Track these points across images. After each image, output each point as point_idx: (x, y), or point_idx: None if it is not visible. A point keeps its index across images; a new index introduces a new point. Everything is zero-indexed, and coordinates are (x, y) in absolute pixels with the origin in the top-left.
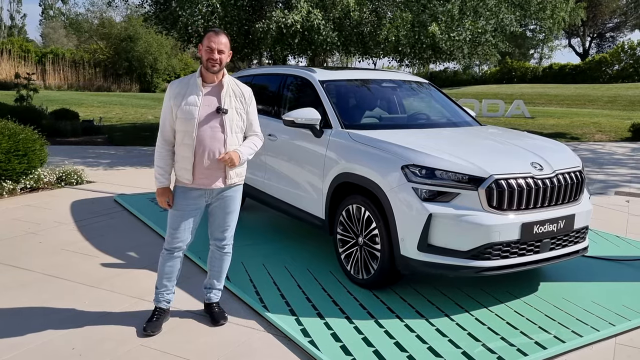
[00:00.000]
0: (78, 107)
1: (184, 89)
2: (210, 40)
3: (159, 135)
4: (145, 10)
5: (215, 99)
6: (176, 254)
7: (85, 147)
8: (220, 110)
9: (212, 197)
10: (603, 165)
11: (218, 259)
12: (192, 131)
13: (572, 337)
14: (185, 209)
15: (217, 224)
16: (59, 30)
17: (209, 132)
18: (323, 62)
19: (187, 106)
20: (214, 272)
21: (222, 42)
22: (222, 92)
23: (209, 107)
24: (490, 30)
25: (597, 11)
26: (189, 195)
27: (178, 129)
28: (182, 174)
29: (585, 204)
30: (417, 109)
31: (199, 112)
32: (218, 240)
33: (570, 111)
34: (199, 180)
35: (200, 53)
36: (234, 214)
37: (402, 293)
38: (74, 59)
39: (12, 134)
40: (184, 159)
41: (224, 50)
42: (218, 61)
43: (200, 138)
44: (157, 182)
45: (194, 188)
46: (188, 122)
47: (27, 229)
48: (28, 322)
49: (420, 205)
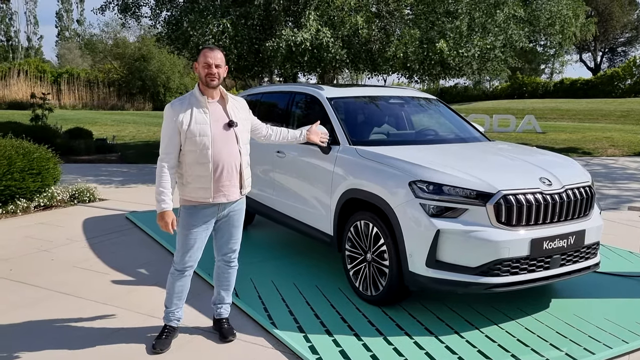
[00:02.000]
0: (92, 126)
1: (188, 108)
2: (206, 57)
3: (162, 156)
4: (158, 31)
5: (223, 113)
6: (187, 273)
7: (99, 165)
8: (232, 124)
9: (222, 213)
10: (616, 180)
11: (225, 273)
12: (207, 149)
13: (585, 354)
14: (197, 228)
15: (225, 239)
16: (74, 51)
17: (225, 147)
18: (332, 79)
19: (198, 125)
20: (222, 287)
21: (217, 57)
22: (227, 106)
23: (218, 122)
24: (499, 46)
25: (608, 26)
26: (201, 215)
27: (188, 149)
28: (198, 194)
29: (596, 220)
30: (424, 125)
31: (212, 130)
32: (225, 255)
33: (583, 126)
34: (217, 198)
35: (197, 71)
36: (240, 228)
37: (411, 310)
38: (89, 78)
39: (27, 153)
40: (199, 178)
41: (220, 64)
42: (216, 75)
43: (216, 155)
44: (159, 205)
45: (208, 206)
46: (201, 141)
47: (40, 246)
48: (40, 339)
49: (428, 221)
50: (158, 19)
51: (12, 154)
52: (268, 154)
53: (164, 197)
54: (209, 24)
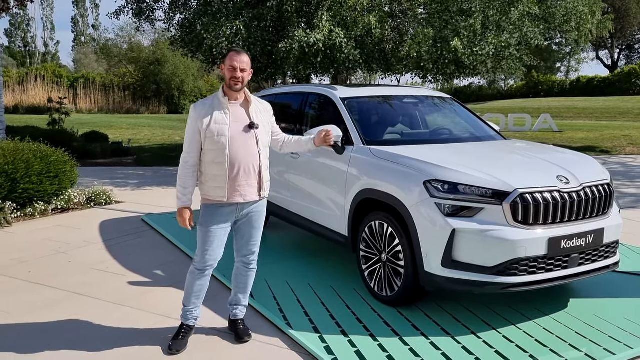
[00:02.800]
0: (108, 130)
1: (210, 109)
2: (232, 60)
3: (184, 155)
4: (172, 34)
5: (245, 115)
6: (207, 272)
7: (114, 168)
8: (253, 126)
9: (241, 213)
10: (634, 178)
11: (244, 275)
12: (224, 149)
13: (605, 355)
14: (216, 227)
15: (244, 241)
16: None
17: (243, 148)
18: (346, 80)
19: (217, 125)
20: (239, 289)
21: (244, 61)
22: (250, 108)
23: (238, 123)
24: (514, 44)
25: (625, 22)
26: (219, 213)
27: (208, 148)
28: (215, 193)
29: (615, 218)
30: (439, 124)
31: (230, 130)
32: (244, 257)
33: (600, 124)
34: (233, 197)
35: (223, 72)
36: (260, 230)
37: (426, 310)
38: (104, 83)
39: (44, 157)
40: (215, 177)
41: (246, 68)
42: (241, 79)
43: (233, 155)
44: (179, 201)
45: (225, 205)
46: (219, 141)
47: (58, 248)
48: (56, 339)
49: (444, 221)
50: (172, 23)
51: (30, 157)
52: (282, 156)
53: (183, 194)
54: (222, 27)
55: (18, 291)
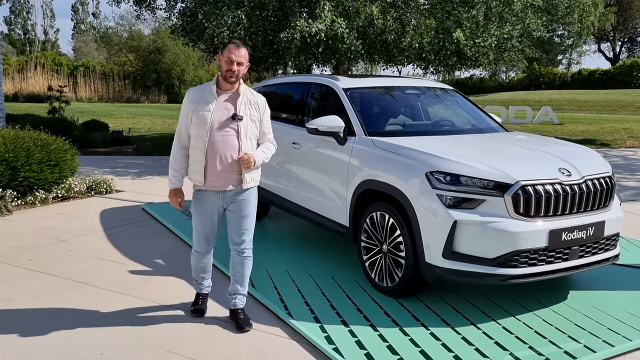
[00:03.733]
0: (108, 118)
1: (201, 95)
2: (230, 52)
3: (175, 138)
4: (173, 23)
5: (231, 106)
6: (205, 253)
7: (115, 157)
8: (235, 117)
9: (226, 201)
10: (635, 171)
11: (239, 264)
12: (204, 135)
13: (604, 346)
14: (204, 212)
15: (233, 228)
16: (90, 44)
17: (222, 137)
18: (347, 71)
19: (202, 111)
20: (236, 278)
21: (242, 55)
22: (238, 100)
23: (223, 113)
24: (517, 36)
25: (627, 15)
26: (205, 198)
27: (192, 133)
28: (195, 177)
29: (616, 211)
30: (441, 115)
31: (212, 117)
32: (237, 245)
33: (601, 117)
34: (210, 183)
35: (220, 63)
36: (249, 218)
37: (427, 301)
38: (104, 71)
39: (45, 145)
40: (196, 161)
41: (243, 62)
42: (236, 73)
43: (212, 142)
44: (170, 183)
45: (208, 190)
46: (201, 126)
47: (58, 236)
48: (58, 327)
49: (445, 212)
50: (173, 11)
51: (30, 145)
52: (284, 146)
53: (174, 175)
54: (223, 16)
55: (19, 279)
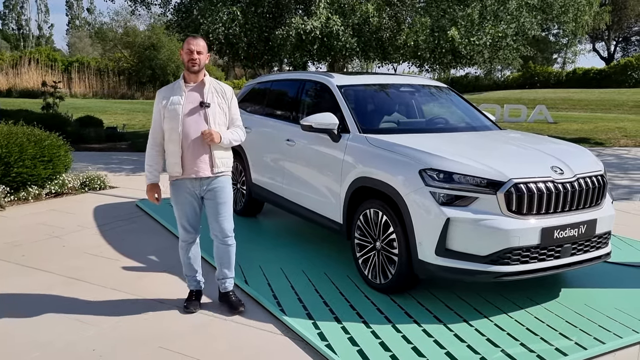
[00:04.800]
0: (102, 115)
1: (170, 92)
2: (189, 44)
3: (150, 137)
4: (168, 19)
5: (198, 95)
6: (191, 243)
7: (109, 153)
8: (203, 105)
9: (202, 189)
10: (628, 170)
11: (224, 251)
12: (177, 127)
13: (594, 344)
14: (183, 201)
15: (213, 217)
16: (84, 40)
17: (194, 125)
18: (342, 68)
19: (172, 105)
20: (223, 264)
21: (200, 45)
22: (204, 89)
23: (192, 103)
24: (512, 35)
25: (622, 15)
26: (182, 188)
27: (165, 127)
28: (173, 168)
29: (608, 209)
30: (435, 113)
31: (183, 109)
32: (218, 232)
33: (595, 116)
34: (188, 171)
35: (182, 57)
36: (226, 205)
37: (419, 298)
38: (99, 67)
39: (38, 141)
40: (172, 153)
41: (202, 51)
42: (197, 61)
43: (185, 132)
44: (146, 179)
45: (185, 179)
46: (173, 119)
47: (52, 232)
48: (51, 323)
49: (438, 210)
50: (168, 7)
51: (23, 141)
52: (278, 142)
53: (150, 171)
54: (218, 12)
55: (11, 274)
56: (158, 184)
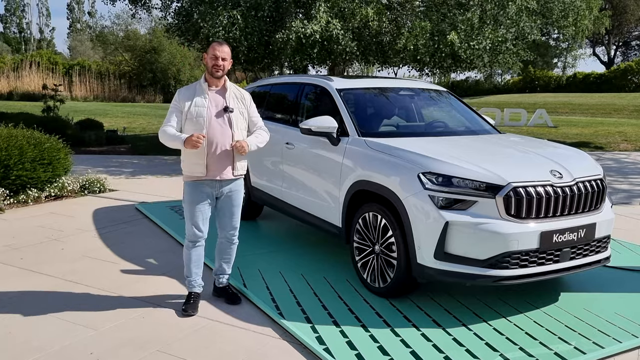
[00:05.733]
0: (103, 118)
1: (192, 93)
2: (215, 49)
3: (161, 127)
4: (168, 22)
5: (222, 99)
6: (198, 244)
7: (109, 156)
8: (227, 110)
9: (220, 190)
10: (628, 174)
11: (228, 248)
12: (201, 129)
13: (594, 348)
14: (199, 201)
15: (226, 217)
16: (85, 43)
17: (219, 128)
18: (342, 72)
19: (196, 107)
20: (224, 260)
21: (225, 51)
22: (226, 94)
23: (216, 107)
24: (511, 39)
25: (622, 19)
26: (200, 189)
27: (187, 128)
28: (195, 169)
29: (607, 213)
30: (435, 117)
31: (208, 112)
32: (228, 232)
33: (595, 120)
34: (211, 173)
35: (206, 61)
36: (240, 207)
37: (418, 302)
38: (100, 70)
39: (38, 143)
40: (195, 154)
41: (227, 57)
42: (222, 67)
43: (210, 134)
44: (180, 139)
45: (205, 181)
46: (198, 121)
47: (51, 235)
48: (48, 326)
49: (437, 213)
50: (168, 10)
51: (23, 144)
52: (277, 146)
53: (177, 135)
54: (219, 16)
55: (10, 277)
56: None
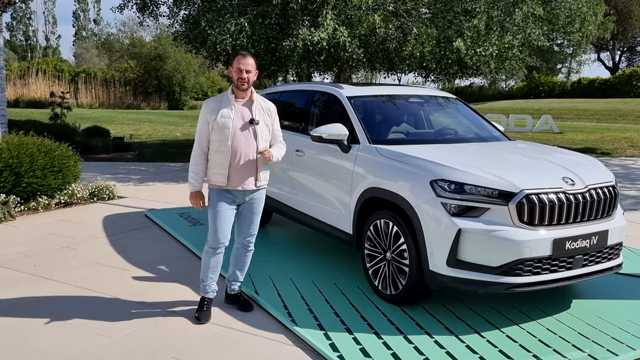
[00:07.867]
0: (109, 125)
1: (219, 104)
2: (239, 62)
3: (195, 144)
4: (176, 30)
5: (248, 111)
6: (219, 250)
7: (117, 163)
8: (253, 122)
9: (242, 199)
10: (635, 180)
11: (243, 255)
12: (226, 140)
13: (608, 355)
14: (223, 208)
15: (246, 224)
16: (91, 50)
17: (243, 140)
18: (348, 79)
19: (222, 119)
20: (239, 267)
21: (249, 63)
22: (252, 106)
23: (241, 119)
24: (518, 45)
25: (627, 24)
26: (224, 197)
27: (213, 138)
28: (217, 178)
29: (619, 220)
30: (444, 124)
31: (233, 124)
32: (245, 239)
33: (600, 126)
34: (232, 183)
35: (231, 74)
36: (259, 215)
37: (430, 309)
38: (105, 77)
39: (48, 151)
40: (219, 164)
41: (251, 70)
42: (246, 80)
43: (235, 145)
44: (191, 186)
45: (228, 190)
46: (223, 132)
47: (62, 242)
48: (62, 332)
49: (449, 221)
50: (176, 18)
51: (34, 151)
52: (287, 153)
53: (194, 179)
54: (226, 23)
55: (23, 284)
56: (201, 191)
